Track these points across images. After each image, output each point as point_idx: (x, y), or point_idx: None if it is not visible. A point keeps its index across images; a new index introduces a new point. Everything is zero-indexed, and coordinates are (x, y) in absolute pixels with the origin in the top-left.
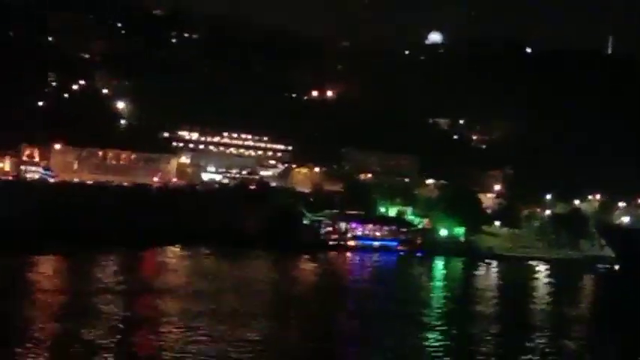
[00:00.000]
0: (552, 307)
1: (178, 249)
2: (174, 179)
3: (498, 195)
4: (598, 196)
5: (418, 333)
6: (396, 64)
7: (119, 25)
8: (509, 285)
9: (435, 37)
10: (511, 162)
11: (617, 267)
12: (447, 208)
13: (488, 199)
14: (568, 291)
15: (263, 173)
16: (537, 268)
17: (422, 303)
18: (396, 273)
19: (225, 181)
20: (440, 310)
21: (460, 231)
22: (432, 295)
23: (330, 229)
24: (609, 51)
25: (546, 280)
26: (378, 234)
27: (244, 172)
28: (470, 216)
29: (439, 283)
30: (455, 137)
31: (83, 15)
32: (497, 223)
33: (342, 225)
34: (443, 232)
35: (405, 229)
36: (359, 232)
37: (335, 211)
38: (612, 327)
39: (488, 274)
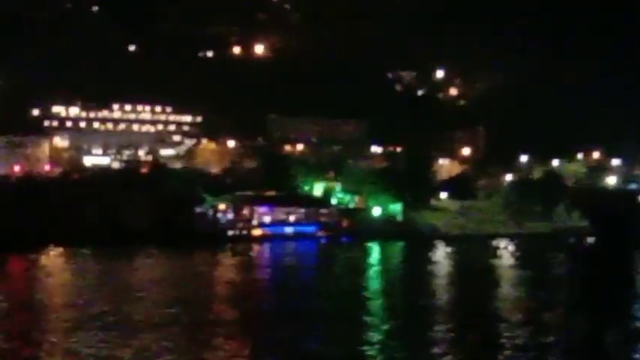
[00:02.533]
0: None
1: (53, 251)
2: (47, 166)
3: (464, 161)
4: (597, 155)
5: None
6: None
7: None
8: (458, 270)
9: None
10: (489, 120)
11: (590, 240)
12: (385, 181)
13: (453, 166)
14: (526, 273)
15: (164, 152)
16: (499, 247)
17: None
18: (311, 263)
19: (116, 165)
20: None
21: (397, 208)
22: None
23: (232, 216)
24: None
25: (504, 260)
26: (292, 218)
27: (141, 153)
28: (415, 189)
29: (365, 274)
30: (420, 93)
31: None
32: (443, 195)
33: (247, 210)
34: (376, 211)
35: (325, 210)
36: (267, 218)
37: (242, 193)
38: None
39: (430, 258)
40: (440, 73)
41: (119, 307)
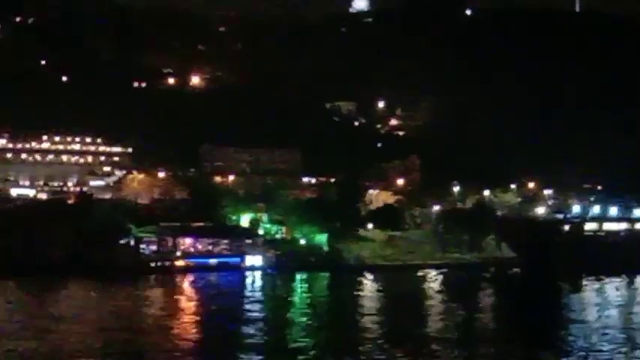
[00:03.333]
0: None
1: None
2: None
3: (398, 191)
4: (532, 185)
5: None
6: (295, 39)
7: None
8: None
9: (360, 3)
10: (425, 150)
11: (515, 270)
12: (312, 212)
13: (387, 197)
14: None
15: (94, 184)
16: (424, 277)
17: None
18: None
19: (43, 196)
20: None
21: (323, 239)
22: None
23: (155, 247)
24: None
25: (428, 291)
26: (217, 249)
27: (69, 184)
28: (341, 220)
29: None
30: (356, 124)
31: None
32: (370, 225)
33: (169, 241)
34: (301, 242)
35: (250, 241)
36: (191, 249)
37: (167, 224)
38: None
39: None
40: (380, 104)
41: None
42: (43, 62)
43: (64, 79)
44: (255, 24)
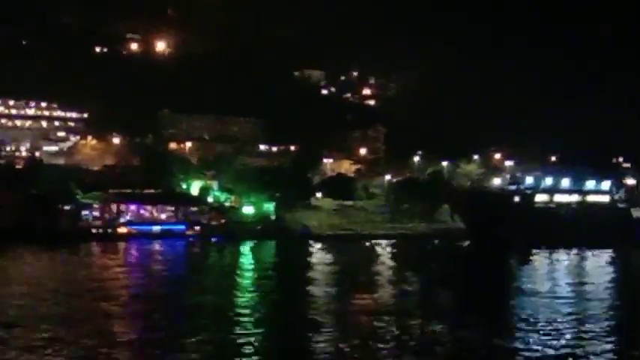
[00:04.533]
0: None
1: None
2: None
3: (360, 160)
4: (497, 156)
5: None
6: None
7: None
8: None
9: None
10: (393, 120)
11: (465, 242)
12: (261, 180)
13: (347, 166)
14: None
15: (47, 149)
16: (371, 247)
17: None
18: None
19: None
20: None
21: (270, 207)
22: None
23: (98, 214)
24: None
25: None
26: (163, 216)
27: (23, 149)
28: (290, 188)
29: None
30: (325, 92)
31: None
32: (319, 194)
33: (113, 208)
34: (248, 210)
35: (195, 209)
36: (133, 217)
37: (114, 191)
38: None
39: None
40: (353, 74)
41: None
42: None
43: (24, 42)
44: None
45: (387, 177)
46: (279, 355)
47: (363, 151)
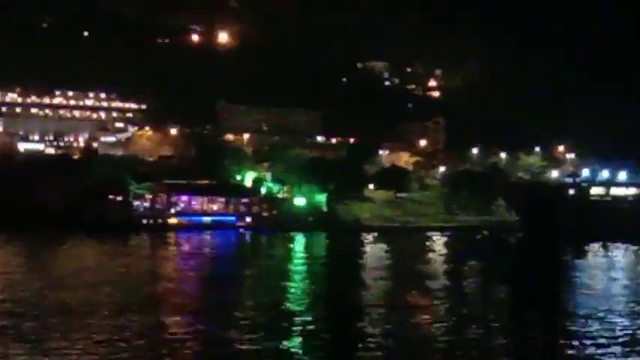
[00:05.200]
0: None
1: None
2: None
3: (416, 152)
4: (561, 148)
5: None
6: None
7: None
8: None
9: None
10: (455, 112)
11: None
12: (314, 171)
13: (406, 158)
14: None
15: (105, 139)
16: (430, 239)
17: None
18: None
19: (51, 151)
20: None
21: (322, 199)
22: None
23: (146, 204)
24: None
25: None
26: (214, 207)
27: (81, 140)
28: (343, 180)
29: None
30: (387, 84)
31: None
32: (371, 186)
33: (165, 199)
34: (299, 201)
35: (246, 200)
36: (184, 206)
37: (169, 181)
38: None
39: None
40: (417, 66)
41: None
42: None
43: (86, 34)
44: None
45: (442, 169)
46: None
47: (422, 142)
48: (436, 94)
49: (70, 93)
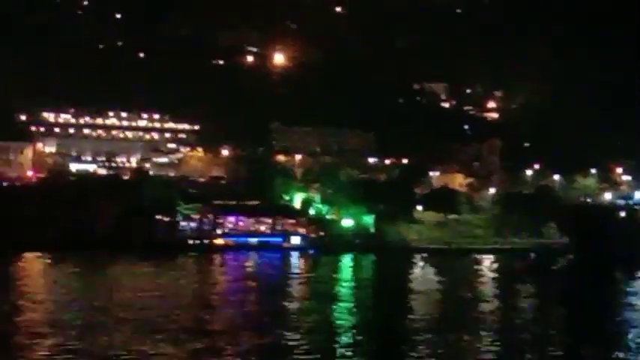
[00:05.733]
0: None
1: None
2: (30, 172)
3: (470, 174)
4: (619, 170)
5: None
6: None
7: None
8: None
9: None
10: (513, 133)
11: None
12: (362, 192)
13: (460, 179)
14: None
15: (157, 160)
16: (478, 263)
17: None
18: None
19: (103, 171)
20: None
21: (370, 220)
22: None
23: (193, 225)
24: None
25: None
26: (262, 228)
27: (133, 161)
28: (391, 201)
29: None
30: (445, 105)
31: None
32: (419, 207)
33: (210, 218)
34: (347, 223)
35: (292, 221)
36: (231, 227)
37: (218, 202)
38: None
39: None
40: (477, 88)
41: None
42: (121, 39)
43: (141, 55)
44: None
45: (492, 190)
46: None
47: (476, 164)
48: (494, 115)
49: (123, 114)
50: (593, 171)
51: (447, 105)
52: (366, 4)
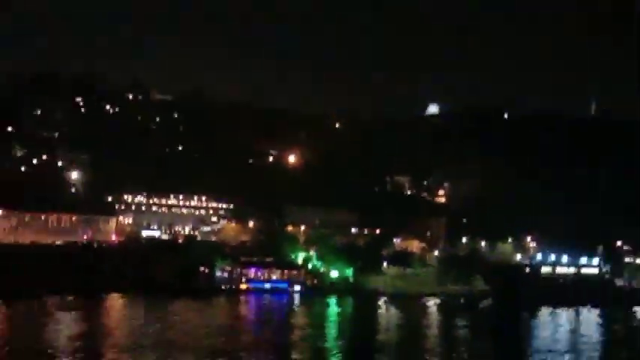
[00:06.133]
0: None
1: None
2: (113, 237)
3: (422, 240)
4: (528, 238)
5: None
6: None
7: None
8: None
9: (432, 108)
10: (455, 213)
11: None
12: (345, 253)
13: (416, 244)
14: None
15: (203, 229)
16: (428, 303)
17: None
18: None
19: (165, 237)
20: None
21: (349, 272)
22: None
23: (226, 275)
24: (592, 112)
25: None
26: (273, 277)
27: (187, 229)
28: (366, 259)
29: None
30: (408, 192)
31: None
32: (385, 264)
33: (237, 270)
34: (334, 274)
35: (295, 272)
36: (252, 276)
37: (245, 258)
38: None
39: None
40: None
41: None
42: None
43: (196, 155)
44: (346, 119)
45: (437, 252)
46: None
47: (427, 234)
48: (442, 199)
49: (181, 196)
50: (510, 240)
51: (409, 192)
52: (357, 123)
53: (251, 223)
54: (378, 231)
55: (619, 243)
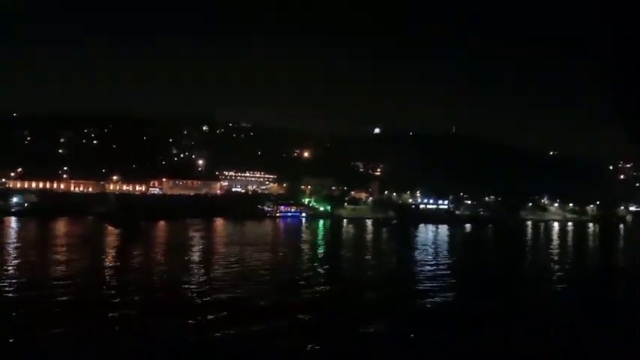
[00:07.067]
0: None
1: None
2: (218, 192)
3: (366, 192)
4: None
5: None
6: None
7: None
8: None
9: (377, 130)
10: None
11: (394, 222)
12: (329, 199)
13: (363, 194)
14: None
15: (261, 188)
16: (367, 222)
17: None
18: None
19: (243, 191)
20: None
21: (329, 207)
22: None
23: (270, 209)
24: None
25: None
26: (293, 210)
27: (254, 187)
28: (337, 201)
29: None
30: (361, 171)
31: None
32: (346, 204)
33: (275, 207)
34: (322, 209)
35: (303, 207)
36: (282, 209)
37: (279, 201)
38: None
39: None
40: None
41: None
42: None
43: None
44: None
45: (371, 198)
46: None
47: (369, 189)
48: (378, 173)
49: (250, 172)
50: (408, 192)
51: (362, 170)
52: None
53: (284, 185)
54: (345, 188)
55: (461, 194)
